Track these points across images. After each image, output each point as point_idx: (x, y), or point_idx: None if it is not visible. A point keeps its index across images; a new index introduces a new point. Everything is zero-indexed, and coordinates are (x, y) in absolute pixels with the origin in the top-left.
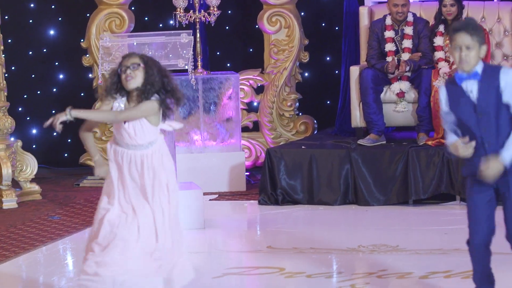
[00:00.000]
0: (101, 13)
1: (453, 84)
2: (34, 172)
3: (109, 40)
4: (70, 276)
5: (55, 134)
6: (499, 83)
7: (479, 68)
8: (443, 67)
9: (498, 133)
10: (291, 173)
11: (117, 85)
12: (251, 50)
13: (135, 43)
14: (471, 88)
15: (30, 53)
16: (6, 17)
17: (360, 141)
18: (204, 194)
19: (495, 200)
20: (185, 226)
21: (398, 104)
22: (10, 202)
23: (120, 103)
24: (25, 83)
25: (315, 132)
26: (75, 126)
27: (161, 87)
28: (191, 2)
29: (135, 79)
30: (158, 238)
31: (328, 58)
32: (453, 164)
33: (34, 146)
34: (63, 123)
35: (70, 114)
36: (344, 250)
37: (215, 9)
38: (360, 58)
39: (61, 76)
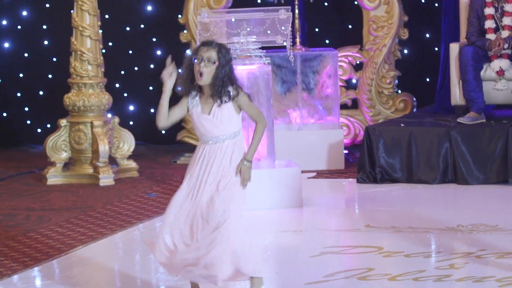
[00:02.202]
0: None
1: None
2: (131, 149)
3: (207, 16)
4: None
5: (152, 110)
6: None
7: None
8: None
9: None
10: (390, 151)
11: (191, 78)
12: (350, 26)
13: (233, 19)
14: None
15: (128, 29)
16: None
17: (460, 119)
18: (302, 172)
19: None
20: (283, 204)
21: (498, 82)
22: (107, 178)
23: (194, 104)
24: (122, 59)
25: (414, 110)
26: (172, 103)
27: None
28: None
29: (206, 75)
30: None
31: (427, 35)
32: None
33: (131, 122)
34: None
35: (249, 162)
36: (443, 230)
37: None
38: (460, 35)
39: (158, 52)
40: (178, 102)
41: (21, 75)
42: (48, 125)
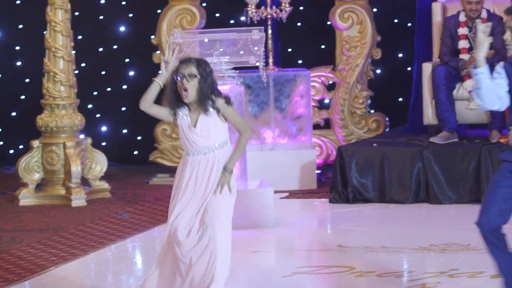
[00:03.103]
0: (172, 9)
1: (510, 66)
2: (104, 170)
3: (180, 36)
4: (139, 275)
5: (124, 131)
6: None
7: None
8: None
9: None
10: (363, 171)
11: (176, 94)
12: (322, 46)
13: (206, 40)
14: None
15: (101, 49)
16: (77, 13)
17: (432, 139)
18: (275, 192)
19: None
20: (255, 224)
21: (471, 102)
22: (79, 199)
23: (182, 115)
24: (95, 80)
25: (387, 130)
26: (145, 124)
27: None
28: None
29: (190, 91)
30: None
31: (400, 55)
32: None
33: (103, 143)
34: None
35: (231, 171)
36: (415, 249)
37: (287, 5)
38: (432, 54)
39: (131, 73)
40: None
41: None
42: (21, 146)
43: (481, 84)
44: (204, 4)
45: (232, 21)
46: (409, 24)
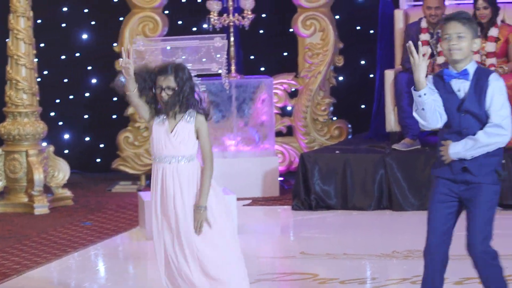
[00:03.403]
0: (134, 16)
1: (440, 79)
2: (66, 178)
3: (143, 44)
4: (102, 283)
5: (87, 139)
6: (487, 88)
7: (470, 67)
8: None
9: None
10: (325, 178)
11: (155, 101)
12: (285, 54)
13: (168, 47)
14: (459, 87)
15: (63, 57)
16: (39, 21)
17: (395, 146)
18: (238, 199)
19: (457, 213)
20: None
21: None
22: (41, 207)
23: (160, 119)
24: (57, 88)
25: (349, 137)
26: (107, 131)
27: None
28: (225, 5)
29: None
30: None
31: (362, 62)
32: None
33: (66, 151)
34: None
35: (205, 208)
36: (378, 256)
37: (249, 12)
38: (395, 61)
39: (93, 81)
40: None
41: None
42: None
43: (424, 105)
44: (166, 12)
45: (194, 29)
46: (372, 31)
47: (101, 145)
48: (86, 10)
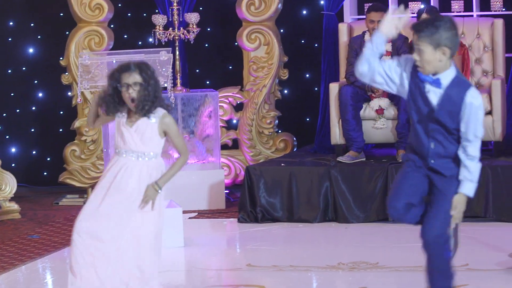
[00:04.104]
0: (80, 31)
1: (418, 77)
2: (13, 191)
3: (88, 58)
4: None
5: (34, 152)
6: (461, 104)
7: (445, 76)
8: None
9: (446, 141)
10: (271, 190)
11: (117, 102)
12: (230, 67)
13: (114, 61)
14: (433, 94)
15: (9, 71)
16: None
17: (340, 158)
18: (184, 212)
19: (425, 187)
20: (164, 244)
21: (377, 121)
22: None
23: (122, 115)
24: (4, 102)
25: (295, 150)
26: (54, 145)
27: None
28: (170, 19)
29: (138, 99)
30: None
31: (307, 75)
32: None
33: (13, 164)
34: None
35: (160, 188)
36: (324, 268)
37: (195, 26)
38: (339, 75)
39: (40, 94)
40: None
41: None
42: None
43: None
44: (112, 26)
45: (140, 42)
46: (316, 45)
47: (48, 159)
48: (32, 24)
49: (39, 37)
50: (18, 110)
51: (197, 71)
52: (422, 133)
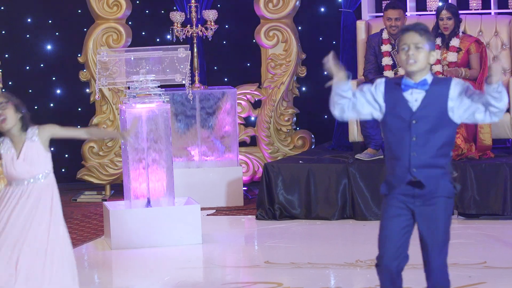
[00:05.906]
0: (98, 27)
1: (396, 86)
2: None
3: (106, 55)
4: None
5: (52, 149)
6: (448, 92)
7: (428, 77)
8: None
9: (427, 145)
10: (289, 188)
11: None
12: (248, 64)
13: (132, 58)
14: (416, 97)
15: (27, 68)
16: (3, 31)
17: (358, 156)
18: (202, 209)
19: (411, 227)
20: (182, 241)
21: None
22: None
23: (6, 147)
24: (22, 98)
25: (313, 147)
26: (72, 142)
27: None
28: (188, 17)
29: (9, 118)
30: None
31: (325, 73)
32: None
33: None
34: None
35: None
36: (342, 265)
37: (213, 23)
38: (357, 72)
39: (58, 91)
40: None
41: None
42: None
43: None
44: (130, 23)
45: (158, 39)
46: (334, 42)
47: (66, 155)
48: (50, 21)
49: (57, 34)
50: (36, 107)
51: (215, 68)
52: (403, 142)
